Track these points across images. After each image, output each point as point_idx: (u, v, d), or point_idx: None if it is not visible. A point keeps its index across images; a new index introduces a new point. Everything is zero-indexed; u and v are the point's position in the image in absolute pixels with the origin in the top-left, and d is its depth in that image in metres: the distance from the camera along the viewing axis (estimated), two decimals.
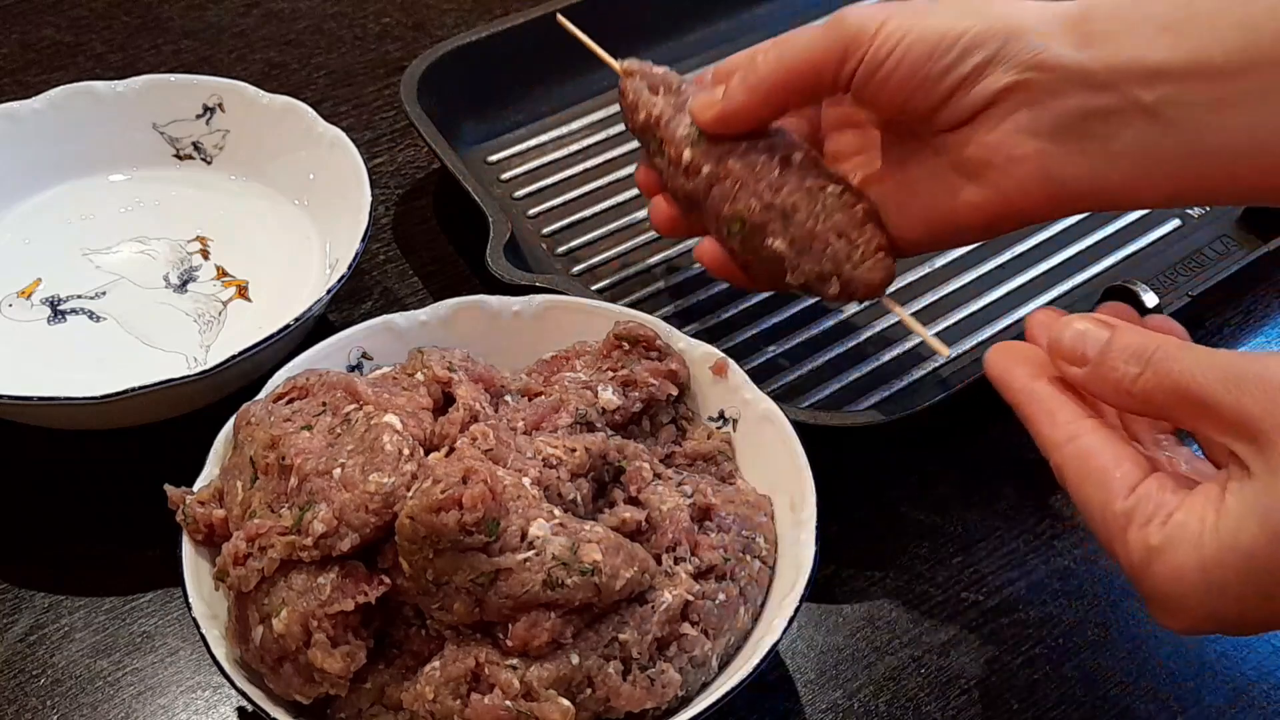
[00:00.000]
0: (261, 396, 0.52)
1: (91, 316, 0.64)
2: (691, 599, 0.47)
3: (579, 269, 0.68)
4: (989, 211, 0.52)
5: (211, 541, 0.49)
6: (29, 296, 0.65)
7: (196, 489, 0.50)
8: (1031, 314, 0.48)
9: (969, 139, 0.51)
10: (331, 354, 0.55)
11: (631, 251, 0.69)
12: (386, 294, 0.69)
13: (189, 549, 0.49)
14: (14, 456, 0.61)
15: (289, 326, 0.57)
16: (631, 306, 0.63)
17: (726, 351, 0.55)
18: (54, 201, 0.69)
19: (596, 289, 0.67)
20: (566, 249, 0.70)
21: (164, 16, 0.86)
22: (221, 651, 0.46)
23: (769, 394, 0.54)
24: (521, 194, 0.73)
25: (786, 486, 0.52)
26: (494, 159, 0.75)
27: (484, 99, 0.75)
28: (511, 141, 0.76)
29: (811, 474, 0.50)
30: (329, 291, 0.58)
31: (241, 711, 0.52)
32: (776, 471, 0.52)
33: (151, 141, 0.70)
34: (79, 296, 0.65)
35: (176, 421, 0.58)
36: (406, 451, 0.46)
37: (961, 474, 0.60)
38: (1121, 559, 0.42)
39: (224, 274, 0.66)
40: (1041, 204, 0.51)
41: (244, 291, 0.65)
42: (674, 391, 0.54)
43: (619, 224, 0.71)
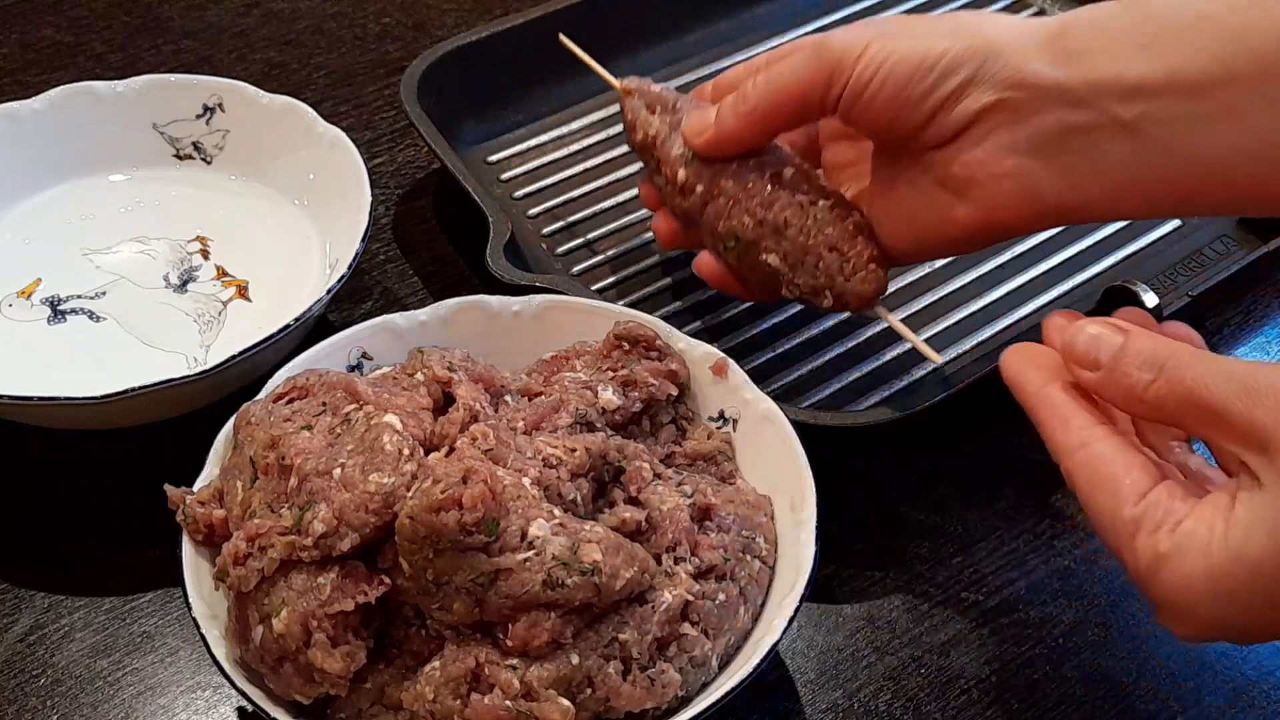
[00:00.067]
0: (261, 396, 0.52)
1: (91, 316, 0.64)
2: (691, 599, 0.47)
3: (579, 269, 0.68)
4: (974, 226, 0.53)
5: (211, 541, 0.49)
6: (29, 296, 0.65)
7: (196, 489, 0.50)
8: (1048, 317, 0.48)
9: (954, 156, 0.52)
10: (331, 354, 0.55)
11: (631, 251, 0.69)
12: (386, 294, 0.69)
13: (189, 549, 0.49)
14: (14, 456, 0.61)
15: (289, 326, 0.57)
16: (631, 306, 0.63)
17: (726, 351, 0.55)
18: (54, 201, 0.69)
19: (596, 289, 0.67)
20: (566, 249, 0.70)
21: (164, 16, 0.86)
22: (221, 651, 0.46)
23: (769, 394, 0.54)
24: (521, 194, 0.73)
25: (786, 486, 0.52)
26: (494, 159, 0.75)
27: (484, 99, 0.75)
28: (511, 141, 0.76)
29: (811, 474, 0.50)
30: (329, 291, 0.58)
31: (241, 711, 0.52)
32: (776, 471, 0.52)
33: (151, 141, 0.70)
34: (79, 296, 0.65)
35: (176, 421, 0.58)
36: (406, 451, 0.46)
37: (961, 474, 0.60)
38: (1130, 565, 0.42)
39: (224, 274, 0.66)
40: (1024, 218, 0.53)
41: (244, 291, 0.65)
42: (674, 391, 0.54)
43: (619, 224, 0.71)
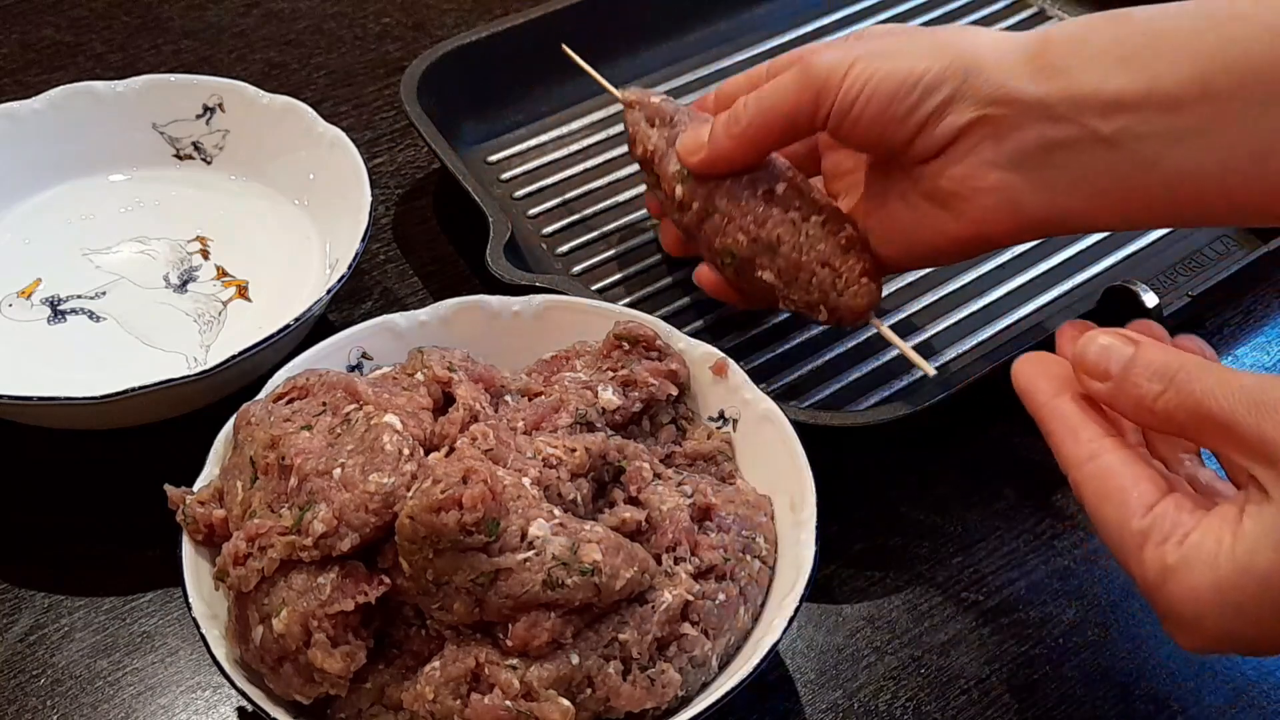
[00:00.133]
0: (261, 396, 0.52)
1: (91, 316, 0.64)
2: (691, 599, 0.47)
3: (579, 269, 0.68)
4: (962, 238, 0.54)
5: (211, 541, 0.49)
6: (29, 296, 0.65)
7: (196, 489, 0.50)
8: (1060, 327, 0.48)
9: (940, 171, 0.53)
10: (331, 354, 0.55)
11: (631, 251, 0.69)
12: (386, 294, 0.69)
13: (189, 549, 0.49)
14: (14, 456, 0.60)
15: (289, 326, 0.57)
16: (631, 306, 0.63)
17: (726, 351, 0.55)
18: (54, 201, 0.69)
19: (596, 289, 0.67)
20: (566, 249, 0.70)
21: (164, 16, 0.86)
22: (221, 651, 0.46)
23: (769, 394, 0.54)
24: (521, 194, 0.73)
25: (786, 486, 0.51)
26: (494, 159, 0.75)
27: (484, 99, 0.75)
28: (511, 141, 0.76)
29: (811, 474, 0.50)
30: (329, 291, 0.58)
31: (241, 711, 0.52)
32: (776, 471, 0.52)
33: (151, 141, 0.70)
34: (79, 296, 0.65)
35: (176, 421, 0.58)
36: (406, 451, 0.46)
37: (961, 474, 0.60)
38: (1137, 577, 0.42)
39: (224, 274, 0.66)
40: (1008, 231, 0.54)
41: (244, 291, 0.65)
42: (674, 391, 0.54)
43: (619, 224, 0.71)
